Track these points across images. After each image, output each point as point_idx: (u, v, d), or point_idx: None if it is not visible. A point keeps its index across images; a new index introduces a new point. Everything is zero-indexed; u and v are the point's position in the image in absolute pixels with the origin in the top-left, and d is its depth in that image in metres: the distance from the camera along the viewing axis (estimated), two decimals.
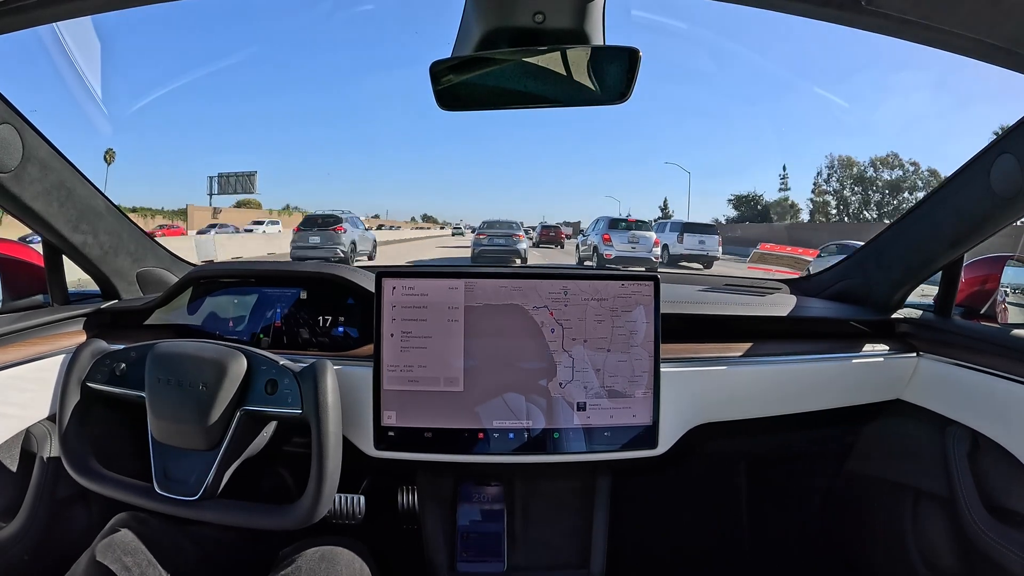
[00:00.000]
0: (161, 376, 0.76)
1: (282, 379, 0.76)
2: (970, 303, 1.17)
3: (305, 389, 0.75)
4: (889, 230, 1.15)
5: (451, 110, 0.83)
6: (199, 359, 0.76)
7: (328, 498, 0.75)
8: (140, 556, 0.77)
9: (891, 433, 1.15)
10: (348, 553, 0.82)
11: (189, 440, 0.76)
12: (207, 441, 0.75)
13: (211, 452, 0.76)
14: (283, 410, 0.75)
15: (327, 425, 0.74)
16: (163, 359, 0.77)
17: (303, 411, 0.74)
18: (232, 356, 0.77)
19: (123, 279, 1.17)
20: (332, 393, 0.75)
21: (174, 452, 0.77)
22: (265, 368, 0.78)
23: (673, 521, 1.39)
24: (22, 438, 0.95)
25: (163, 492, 0.76)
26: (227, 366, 0.75)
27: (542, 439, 0.89)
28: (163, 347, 0.79)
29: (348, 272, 1.07)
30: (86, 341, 0.84)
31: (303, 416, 0.74)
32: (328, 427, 0.74)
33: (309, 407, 0.74)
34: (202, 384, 0.74)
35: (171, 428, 0.76)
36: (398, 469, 1.04)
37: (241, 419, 0.76)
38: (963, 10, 0.58)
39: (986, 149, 0.88)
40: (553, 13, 0.72)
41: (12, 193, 0.89)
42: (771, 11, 0.65)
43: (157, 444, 0.78)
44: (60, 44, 1.02)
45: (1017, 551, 0.85)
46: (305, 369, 0.76)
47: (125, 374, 0.80)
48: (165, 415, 0.76)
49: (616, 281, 0.91)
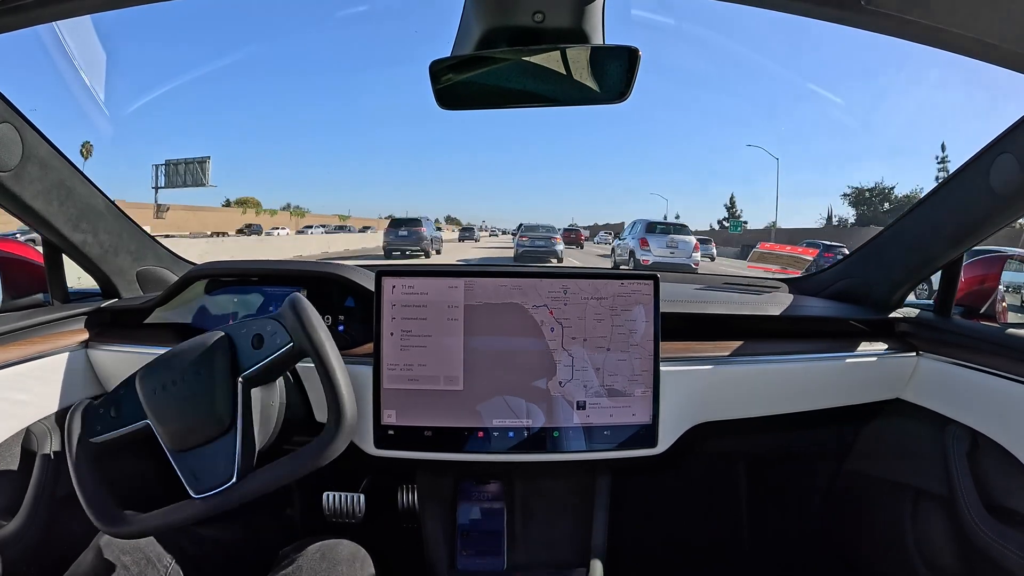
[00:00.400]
0: (155, 387, 0.75)
1: (264, 328, 0.76)
2: (970, 302, 1.17)
3: (288, 323, 0.74)
4: (888, 229, 1.16)
5: (451, 109, 0.83)
6: (180, 352, 0.76)
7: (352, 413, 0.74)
8: (138, 555, 0.77)
9: (890, 432, 1.15)
10: (348, 551, 0.82)
11: (202, 432, 0.74)
12: (219, 424, 0.74)
13: (228, 435, 0.74)
14: (276, 353, 0.74)
15: (321, 339, 0.73)
16: (149, 374, 0.76)
17: (294, 342, 0.74)
18: (210, 335, 0.77)
19: (123, 278, 1.17)
20: (314, 315, 0.74)
21: (193, 452, 0.75)
22: (245, 330, 0.77)
23: (673, 520, 1.40)
24: (22, 437, 0.95)
25: (202, 495, 0.74)
26: (208, 343, 0.75)
27: (542, 438, 0.89)
28: (144, 368, 0.78)
29: (348, 271, 1.07)
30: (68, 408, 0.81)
31: (296, 347, 0.74)
32: (323, 341, 0.73)
33: (298, 335, 0.73)
34: (193, 371, 0.74)
35: (182, 428, 0.75)
36: (398, 468, 1.05)
37: (245, 389, 0.75)
38: (963, 10, 0.58)
39: (986, 149, 0.88)
40: (553, 12, 0.72)
41: (12, 192, 0.89)
42: (772, 11, 0.65)
43: (175, 454, 0.76)
44: (60, 44, 1.02)
45: (1016, 550, 0.85)
46: (280, 308, 0.76)
47: (120, 412, 0.78)
48: (171, 419, 0.75)
49: (616, 280, 0.91)
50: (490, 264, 1.18)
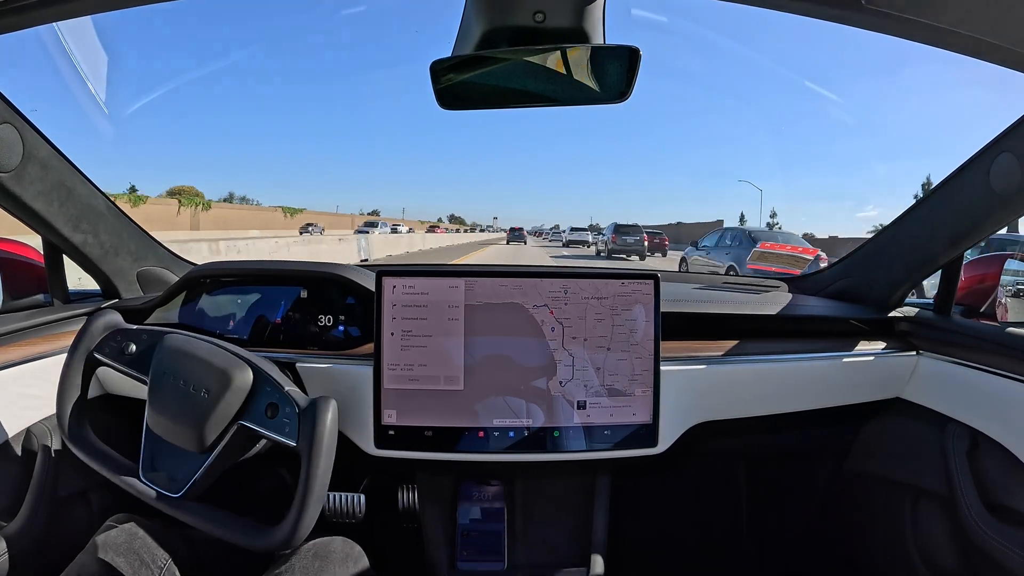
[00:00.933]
0: (167, 370, 0.76)
1: (284, 407, 0.75)
2: (970, 301, 1.17)
3: (304, 425, 0.74)
4: (889, 229, 1.16)
5: (451, 109, 0.83)
6: (207, 363, 0.76)
7: (306, 529, 0.74)
8: (132, 556, 0.77)
9: (890, 431, 1.15)
10: (343, 550, 0.82)
11: (182, 440, 0.75)
12: (199, 445, 0.75)
13: (201, 456, 0.76)
14: (279, 437, 0.74)
15: (319, 462, 0.72)
16: (172, 353, 0.77)
17: (298, 445, 0.73)
18: (239, 368, 0.76)
19: (124, 278, 1.17)
20: (330, 434, 0.74)
21: (166, 446, 0.77)
22: (270, 390, 0.77)
23: (673, 519, 1.40)
24: (23, 437, 0.95)
25: (146, 480, 0.76)
26: (232, 378, 0.75)
27: (542, 437, 0.90)
28: (174, 340, 0.78)
29: (348, 271, 1.07)
30: (100, 311, 0.83)
31: (297, 449, 0.74)
32: (319, 464, 0.73)
33: (304, 443, 0.73)
34: (205, 390, 0.74)
35: (167, 424, 0.76)
36: (398, 468, 1.05)
37: (236, 432, 0.76)
38: (963, 9, 0.58)
39: (986, 148, 0.89)
40: (553, 12, 0.72)
41: (12, 193, 0.89)
42: (772, 11, 0.65)
43: (150, 433, 0.78)
44: (60, 44, 1.02)
45: (1016, 549, 0.85)
46: (308, 406, 0.75)
47: (133, 356, 0.80)
48: (163, 411, 0.76)
49: (616, 280, 0.91)
50: (490, 264, 1.18)
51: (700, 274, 2.11)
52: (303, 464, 0.73)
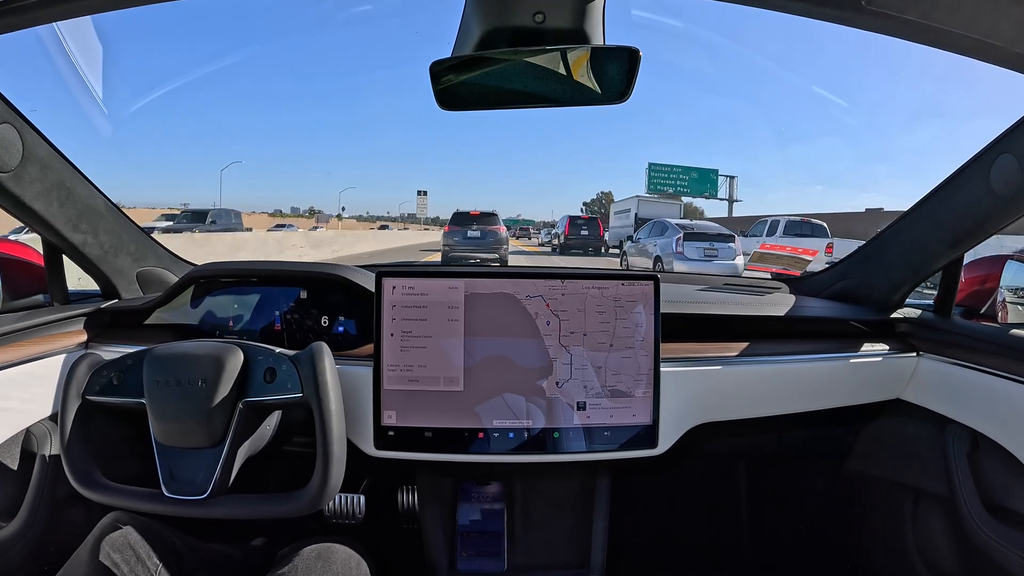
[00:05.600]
0: (159, 379, 0.76)
1: (280, 366, 0.77)
2: (970, 303, 1.17)
3: (304, 372, 0.75)
4: (889, 230, 1.15)
5: (451, 110, 0.83)
6: (195, 356, 0.76)
7: (337, 480, 0.75)
8: (128, 554, 0.76)
9: (891, 433, 1.15)
10: (344, 552, 0.82)
11: (192, 439, 0.75)
12: (210, 438, 0.75)
13: (216, 449, 0.76)
14: (284, 396, 0.75)
15: (329, 404, 0.74)
16: (160, 361, 0.77)
17: (303, 394, 0.75)
18: (228, 350, 0.77)
19: (123, 279, 1.17)
20: (331, 373, 0.75)
21: (178, 453, 0.77)
22: (262, 358, 0.78)
23: (673, 521, 1.39)
24: (22, 438, 0.95)
25: (172, 495, 0.76)
26: (224, 360, 0.75)
27: (542, 438, 0.89)
28: (159, 350, 0.78)
29: (348, 271, 1.07)
30: (83, 355, 0.83)
31: (304, 399, 0.75)
32: (330, 406, 0.74)
33: (309, 389, 0.74)
34: (201, 381, 0.74)
35: (174, 429, 0.76)
36: (398, 469, 1.04)
37: (243, 412, 0.76)
38: (963, 10, 0.58)
39: (986, 149, 0.88)
40: (553, 13, 0.72)
41: (12, 193, 0.89)
42: (772, 11, 0.65)
43: (161, 447, 0.77)
44: (60, 44, 1.02)
45: (1017, 551, 0.85)
46: (302, 353, 0.77)
47: (123, 382, 0.79)
48: (167, 416, 0.76)
49: (616, 280, 0.91)
50: (490, 265, 1.18)
51: (700, 275, 2.11)
52: (315, 412, 0.73)
